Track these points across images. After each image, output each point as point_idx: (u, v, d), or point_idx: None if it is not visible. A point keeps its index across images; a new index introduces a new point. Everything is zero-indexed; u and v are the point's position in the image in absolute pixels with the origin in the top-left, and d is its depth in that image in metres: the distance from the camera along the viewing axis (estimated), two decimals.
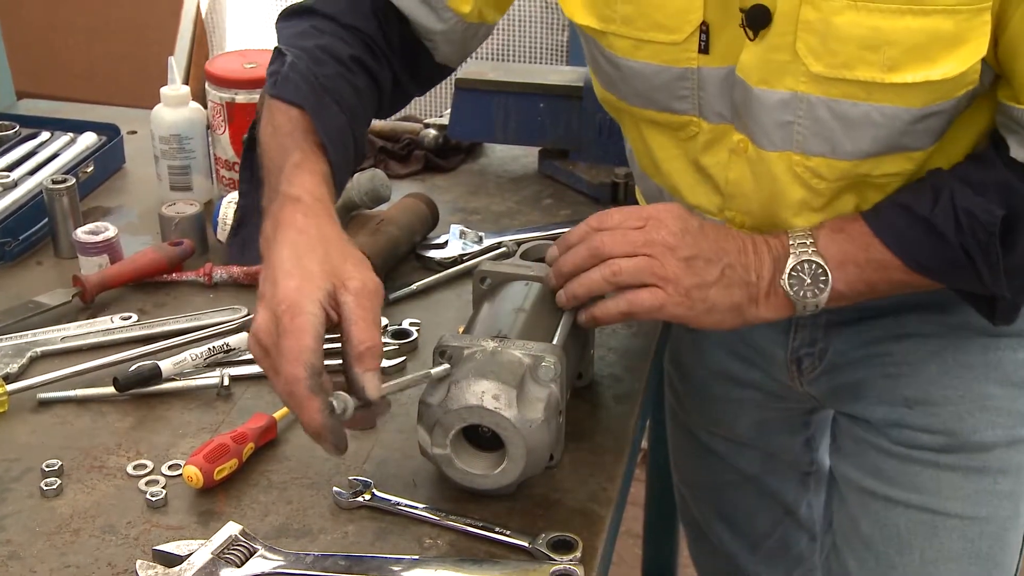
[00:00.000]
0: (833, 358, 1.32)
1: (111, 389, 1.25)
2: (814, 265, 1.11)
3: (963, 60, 1.01)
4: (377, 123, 1.87)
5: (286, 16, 1.27)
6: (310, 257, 1.02)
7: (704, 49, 1.11)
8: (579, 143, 1.73)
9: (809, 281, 1.12)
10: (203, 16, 3.01)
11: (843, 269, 1.12)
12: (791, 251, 1.12)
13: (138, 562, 1.03)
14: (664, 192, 1.27)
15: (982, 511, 1.30)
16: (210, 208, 1.57)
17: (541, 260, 1.26)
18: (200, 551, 1.03)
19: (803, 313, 1.14)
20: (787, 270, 1.12)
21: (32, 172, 1.67)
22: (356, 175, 1.47)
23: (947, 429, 1.28)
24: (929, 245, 1.10)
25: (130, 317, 1.40)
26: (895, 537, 1.33)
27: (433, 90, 1.38)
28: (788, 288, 1.12)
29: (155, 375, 1.26)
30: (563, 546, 1.06)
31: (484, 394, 1.05)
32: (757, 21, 1.07)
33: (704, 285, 1.10)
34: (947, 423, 1.28)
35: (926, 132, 1.08)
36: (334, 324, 1.02)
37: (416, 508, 1.10)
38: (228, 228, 1.50)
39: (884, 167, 1.11)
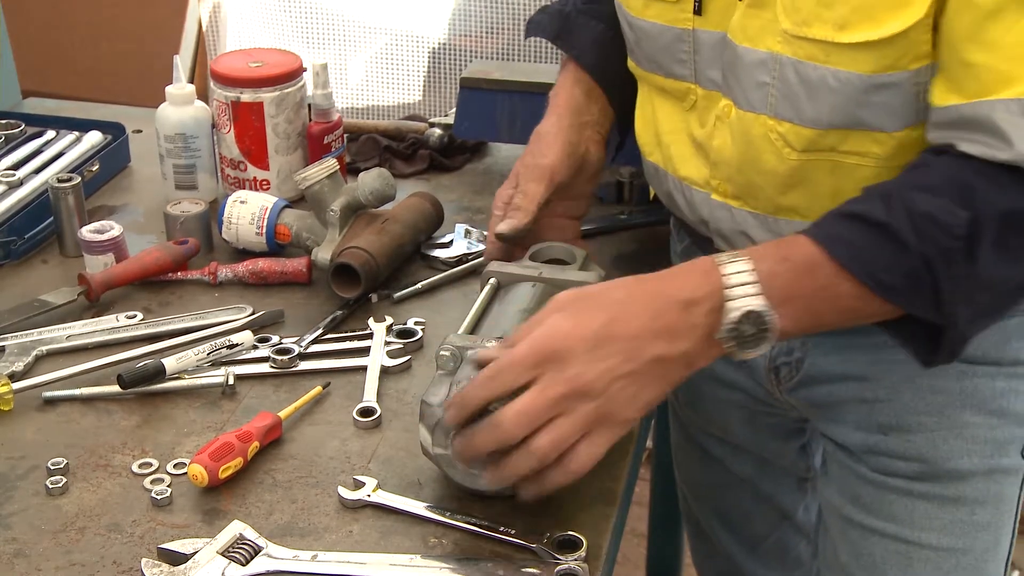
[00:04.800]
0: (809, 370, 1.30)
1: (116, 388, 1.25)
2: (754, 316, 1.00)
3: (903, 20, 1.02)
4: (382, 122, 1.88)
5: None
6: (531, 147, 1.30)
7: (698, 10, 1.15)
8: None
9: (751, 333, 1.00)
10: (203, 28, 3.01)
11: (789, 305, 1.01)
12: (726, 299, 1.00)
13: (143, 560, 1.03)
14: (660, 169, 1.28)
15: (958, 542, 1.28)
16: (215, 207, 1.58)
17: (549, 261, 1.26)
18: (205, 549, 1.03)
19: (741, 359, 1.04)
20: (725, 324, 1.00)
21: (38, 171, 1.67)
22: (361, 174, 1.47)
23: (921, 456, 1.25)
24: (885, 256, 1.00)
25: (135, 316, 1.40)
26: (871, 567, 1.32)
27: (438, 89, 1.40)
28: (731, 344, 1.01)
29: (159, 372, 1.26)
30: (568, 545, 1.06)
31: None
32: None
33: (632, 399, 1.00)
34: (921, 450, 1.25)
35: (884, 108, 1.07)
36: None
37: (421, 507, 1.10)
38: (233, 227, 1.50)
39: (849, 143, 1.10)
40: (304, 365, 1.31)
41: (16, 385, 1.25)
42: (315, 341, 1.35)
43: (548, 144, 1.29)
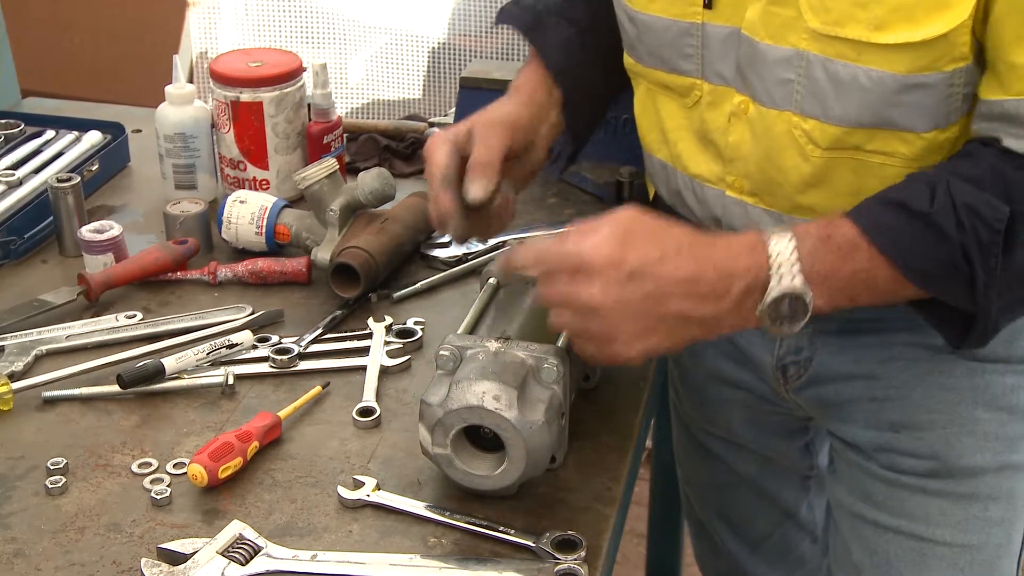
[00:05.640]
0: (818, 369, 1.30)
1: (116, 387, 1.25)
2: (794, 299, 1.02)
3: (945, 23, 1.02)
4: (382, 122, 1.88)
5: None
6: (473, 116, 1.24)
7: (708, 4, 1.14)
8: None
9: (788, 312, 1.03)
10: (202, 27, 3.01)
11: (826, 284, 1.04)
12: (772, 277, 1.02)
13: (143, 560, 1.03)
14: (667, 167, 1.27)
15: (972, 539, 1.28)
16: (215, 207, 1.58)
17: None
18: (204, 549, 1.03)
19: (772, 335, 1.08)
20: (766, 302, 1.03)
21: (37, 170, 1.67)
22: (361, 174, 1.48)
23: (933, 454, 1.26)
24: (925, 245, 1.03)
25: (135, 315, 1.40)
26: (884, 564, 1.32)
27: (438, 89, 1.39)
28: (766, 321, 1.04)
29: (159, 372, 1.26)
30: (567, 545, 1.06)
31: (485, 395, 1.05)
32: None
33: (635, 339, 1.03)
34: (933, 447, 1.26)
35: (915, 109, 1.07)
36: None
37: (420, 507, 1.10)
38: (232, 227, 1.50)
39: (876, 143, 1.10)
40: (304, 365, 1.31)
41: (16, 385, 1.25)
42: (314, 341, 1.35)
43: (505, 104, 1.26)
